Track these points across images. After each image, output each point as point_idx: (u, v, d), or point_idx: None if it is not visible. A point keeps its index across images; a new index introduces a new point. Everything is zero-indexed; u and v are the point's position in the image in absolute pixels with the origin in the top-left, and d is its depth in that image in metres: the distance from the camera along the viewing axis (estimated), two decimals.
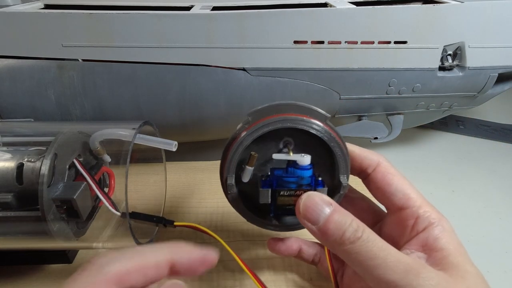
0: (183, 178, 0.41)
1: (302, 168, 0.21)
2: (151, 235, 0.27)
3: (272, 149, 0.22)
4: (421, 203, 0.21)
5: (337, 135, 0.22)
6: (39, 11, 0.34)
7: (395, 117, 0.42)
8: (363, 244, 0.18)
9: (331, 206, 0.19)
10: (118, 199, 0.26)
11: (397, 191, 0.22)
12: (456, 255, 0.19)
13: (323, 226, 0.19)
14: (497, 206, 0.39)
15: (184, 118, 0.38)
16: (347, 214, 0.19)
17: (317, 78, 0.37)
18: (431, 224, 0.20)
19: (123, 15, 0.33)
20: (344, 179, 0.22)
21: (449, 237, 0.20)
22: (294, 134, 0.22)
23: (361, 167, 0.23)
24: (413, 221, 0.21)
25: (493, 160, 0.48)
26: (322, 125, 0.21)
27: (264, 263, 0.30)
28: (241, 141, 0.21)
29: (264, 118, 0.21)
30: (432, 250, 0.19)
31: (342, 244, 0.18)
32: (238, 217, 0.24)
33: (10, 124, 0.32)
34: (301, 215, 0.20)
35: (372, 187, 0.23)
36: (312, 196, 0.20)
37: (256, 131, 0.21)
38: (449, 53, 0.38)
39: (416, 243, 0.20)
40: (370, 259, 0.18)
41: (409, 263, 0.18)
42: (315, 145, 0.22)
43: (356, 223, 0.19)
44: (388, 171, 0.22)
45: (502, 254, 0.33)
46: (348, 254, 0.18)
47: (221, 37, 0.34)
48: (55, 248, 0.28)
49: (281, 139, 0.23)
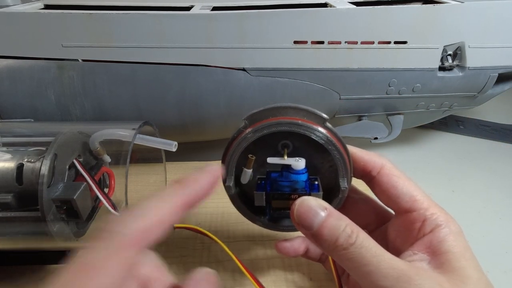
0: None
1: (296, 172, 0.21)
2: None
3: (270, 151, 0.22)
4: (428, 205, 0.21)
5: (336, 137, 0.21)
6: (39, 11, 0.34)
7: (395, 117, 0.42)
8: (356, 250, 0.18)
9: (326, 210, 0.19)
10: (118, 199, 0.26)
11: (403, 194, 0.21)
12: (460, 259, 0.18)
13: (317, 232, 0.19)
14: (497, 206, 0.39)
15: (184, 118, 0.38)
16: (342, 219, 0.19)
17: (317, 78, 0.37)
18: (438, 226, 0.20)
19: (123, 15, 0.33)
20: (344, 183, 0.21)
21: (454, 240, 0.19)
22: (292, 137, 0.22)
23: (364, 170, 0.23)
24: (420, 223, 0.20)
25: (493, 160, 0.48)
26: (319, 128, 0.21)
27: (264, 263, 0.30)
28: (237, 145, 0.22)
29: (260, 122, 0.21)
30: (435, 253, 0.19)
31: (335, 249, 0.18)
32: (238, 217, 0.24)
33: (10, 124, 0.32)
34: (295, 220, 0.20)
35: (377, 190, 0.23)
36: (306, 201, 0.19)
37: (252, 135, 0.21)
38: (449, 53, 0.38)
39: (421, 245, 0.20)
40: (363, 265, 0.17)
41: (402, 269, 0.17)
42: (314, 148, 0.22)
43: (350, 228, 0.18)
44: (393, 173, 0.22)
45: (502, 254, 0.33)
46: (342, 260, 0.18)
47: (221, 37, 0.34)
48: (55, 248, 0.28)
49: (279, 142, 0.23)
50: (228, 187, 0.22)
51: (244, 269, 0.23)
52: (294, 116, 0.21)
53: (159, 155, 0.31)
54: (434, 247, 0.19)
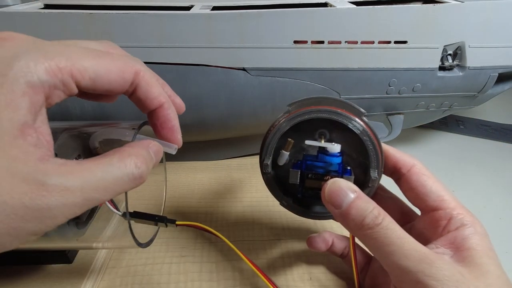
0: (183, 178, 0.41)
1: (331, 155, 0.23)
2: (150, 236, 0.27)
3: (308, 138, 0.24)
4: (455, 205, 0.21)
5: (371, 130, 0.23)
6: (39, 11, 0.34)
7: (395, 117, 0.42)
8: (381, 230, 0.19)
9: (355, 193, 0.20)
10: (118, 199, 0.26)
11: (431, 193, 0.22)
12: (482, 256, 0.19)
13: (345, 211, 0.20)
14: (497, 206, 0.39)
15: (184, 118, 0.38)
16: (370, 202, 0.20)
17: (317, 78, 0.37)
18: (464, 225, 0.20)
19: (123, 15, 0.33)
20: (374, 173, 0.22)
21: (479, 239, 0.20)
22: (330, 127, 0.24)
23: (395, 167, 0.23)
24: (445, 221, 0.21)
25: (493, 160, 0.48)
26: (356, 119, 0.22)
27: (264, 263, 0.30)
28: (278, 127, 0.23)
29: (302, 109, 0.23)
30: (459, 248, 0.19)
31: (361, 228, 0.19)
32: (238, 217, 0.24)
33: None
34: (326, 198, 0.21)
35: (406, 188, 0.23)
36: (338, 181, 0.21)
37: (293, 119, 0.23)
38: (449, 53, 0.38)
39: (444, 240, 0.20)
40: (387, 245, 0.18)
41: (425, 252, 0.18)
42: (349, 142, 0.23)
43: (377, 210, 0.19)
44: (423, 172, 0.22)
45: (502, 254, 0.33)
46: (366, 239, 0.19)
47: (221, 37, 0.34)
48: (55, 248, 0.28)
49: (317, 130, 0.24)
50: (266, 165, 0.24)
51: (250, 264, 0.24)
52: (334, 106, 0.23)
53: None
54: (458, 243, 0.19)
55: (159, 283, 0.28)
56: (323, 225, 0.34)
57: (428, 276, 0.17)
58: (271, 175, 0.25)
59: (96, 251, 0.30)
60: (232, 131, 0.41)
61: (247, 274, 0.28)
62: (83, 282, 0.27)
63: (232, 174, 0.42)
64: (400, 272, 0.18)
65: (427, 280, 0.17)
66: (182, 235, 0.32)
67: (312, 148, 0.24)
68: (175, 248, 0.31)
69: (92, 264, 0.29)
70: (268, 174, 0.25)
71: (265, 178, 0.25)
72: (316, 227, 0.33)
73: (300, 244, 0.31)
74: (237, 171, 0.42)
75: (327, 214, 0.25)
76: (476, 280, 0.17)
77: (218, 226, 0.34)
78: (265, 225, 0.33)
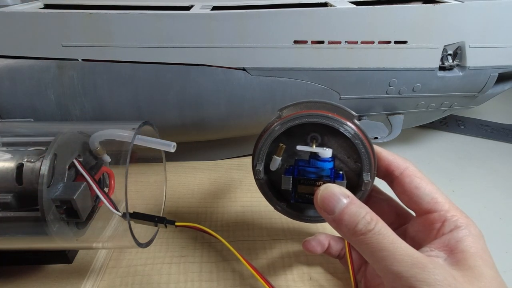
0: (183, 178, 0.41)
1: (323, 160, 0.23)
2: (150, 236, 0.27)
3: (300, 142, 0.24)
4: (449, 207, 0.21)
5: (363, 134, 0.22)
6: (38, 11, 0.34)
7: (395, 117, 0.42)
8: (374, 236, 0.19)
9: (348, 198, 0.20)
10: (118, 199, 0.26)
11: (425, 195, 0.22)
12: (476, 259, 0.19)
13: (338, 217, 0.20)
14: (497, 206, 0.39)
15: (184, 118, 0.38)
16: (363, 207, 0.20)
17: (317, 78, 0.37)
18: (458, 227, 0.20)
19: (123, 15, 0.33)
20: (367, 176, 0.22)
21: (473, 241, 0.19)
22: (321, 130, 0.24)
23: (388, 170, 0.23)
24: (439, 224, 0.21)
25: (493, 160, 0.48)
26: (347, 123, 0.22)
27: (264, 263, 0.30)
28: (270, 132, 0.23)
29: (293, 113, 0.23)
30: (452, 251, 0.19)
31: (354, 234, 0.19)
32: (238, 217, 0.24)
33: (10, 124, 0.32)
34: (318, 204, 0.21)
35: (399, 191, 0.23)
36: (330, 187, 0.21)
37: (284, 124, 0.23)
38: (449, 53, 0.38)
39: (438, 243, 0.20)
40: (379, 250, 0.18)
41: (417, 257, 0.18)
42: (341, 145, 0.23)
43: (370, 216, 0.19)
44: (416, 175, 0.22)
45: (502, 254, 0.33)
46: (359, 244, 0.19)
47: (221, 37, 0.34)
48: (55, 248, 0.28)
49: (309, 134, 0.24)
50: (258, 171, 0.24)
51: (249, 266, 0.24)
52: (326, 110, 0.23)
53: (159, 155, 0.31)
54: (452, 246, 0.19)
55: (159, 283, 0.28)
56: (323, 225, 0.34)
57: (420, 281, 0.17)
58: (264, 180, 0.25)
59: (96, 251, 0.30)
60: (232, 131, 0.41)
61: (247, 274, 0.28)
62: (83, 282, 0.27)
63: (232, 174, 0.42)
64: (393, 277, 0.18)
65: (419, 285, 0.17)
66: (182, 235, 0.32)
67: (304, 153, 0.24)
68: (175, 248, 0.31)
69: (92, 264, 0.29)
70: (261, 179, 0.24)
71: (258, 183, 0.25)
72: (316, 227, 0.33)
73: (300, 244, 0.31)
74: (237, 171, 0.42)
75: (322, 218, 0.25)
76: (469, 284, 0.17)
77: (218, 226, 0.34)
78: (265, 225, 0.33)
